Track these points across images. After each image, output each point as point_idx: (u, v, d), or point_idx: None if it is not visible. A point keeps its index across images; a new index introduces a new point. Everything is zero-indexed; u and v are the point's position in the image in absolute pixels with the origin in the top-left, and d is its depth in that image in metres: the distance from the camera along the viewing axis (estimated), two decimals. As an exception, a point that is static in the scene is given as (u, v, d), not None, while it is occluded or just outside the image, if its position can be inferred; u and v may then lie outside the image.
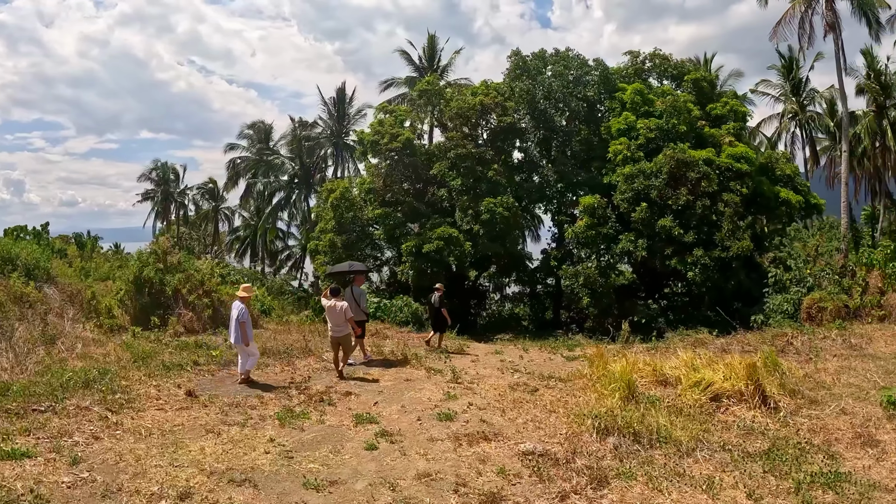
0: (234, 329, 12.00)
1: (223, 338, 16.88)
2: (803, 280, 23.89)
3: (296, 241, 57.33)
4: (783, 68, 41.95)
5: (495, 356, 17.65)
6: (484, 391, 12.25)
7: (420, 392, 12.07)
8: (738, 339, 17.25)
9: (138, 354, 13.31)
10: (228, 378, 12.47)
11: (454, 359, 16.70)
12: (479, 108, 29.08)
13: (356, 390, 12.01)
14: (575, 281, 27.45)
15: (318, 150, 46.75)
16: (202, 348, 15.06)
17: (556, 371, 14.47)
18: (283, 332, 19.78)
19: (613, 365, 11.89)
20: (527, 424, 9.75)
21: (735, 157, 28.58)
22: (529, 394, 11.93)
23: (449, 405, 10.91)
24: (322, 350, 16.28)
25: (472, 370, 14.85)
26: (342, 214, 31.34)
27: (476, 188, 29.02)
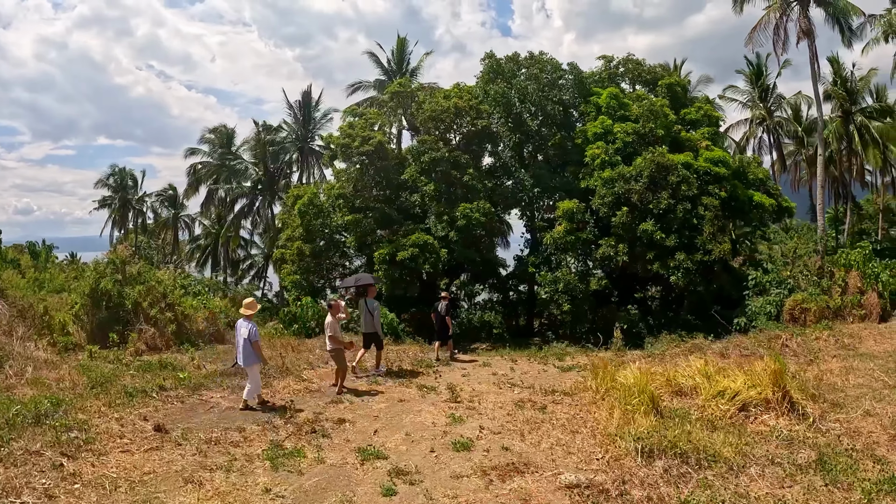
0: (242, 349, 10.94)
1: (189, 356, 15.37)
2: (783, 282, 23.75)
3: (258, 249, 55.25)
4: (751, 75, 42.14)
5: (484, 368, 16.55)
6: (489, 411, 11.27)
7: (420, 415, 10.94)
8: (735, 343, 16.52)
9: (96, 379, 11.73)
10: (200, 405, 10.98)
11: (443, 373, 15.55)
12: (454, 110, 27.90)
13: (349, 416, 10.69)
14: (554, 287, 26.44)
15: (283, 155, 44.81)
16: (168, 369, 13.51)
17: (555, 384, 13.65)
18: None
19: (623, 376, 11.16)
20: (554, 449, 8.77)
21: (713, 161, 28.22)
22: (539, 412, 10.96)
23: (458, 430, 9.83)
24: (301, 369, 14.86)
25: (466, 386, 13.72)
26: (310, 221, 29.77)
27: (450, 193, 27.81)
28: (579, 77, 31.22)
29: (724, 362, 12.96)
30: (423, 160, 27.60)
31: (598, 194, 26.96)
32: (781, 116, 41.72)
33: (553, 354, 19.29)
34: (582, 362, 17.14)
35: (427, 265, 25.72)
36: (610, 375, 11.66)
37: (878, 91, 40.06)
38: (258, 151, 43.38)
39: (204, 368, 14.17)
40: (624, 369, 12.19)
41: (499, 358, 19.17)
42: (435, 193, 28.16)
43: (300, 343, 19.66)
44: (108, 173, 56.04)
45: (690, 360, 13.47)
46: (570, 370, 15.82)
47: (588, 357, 18.42)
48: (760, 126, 41.58)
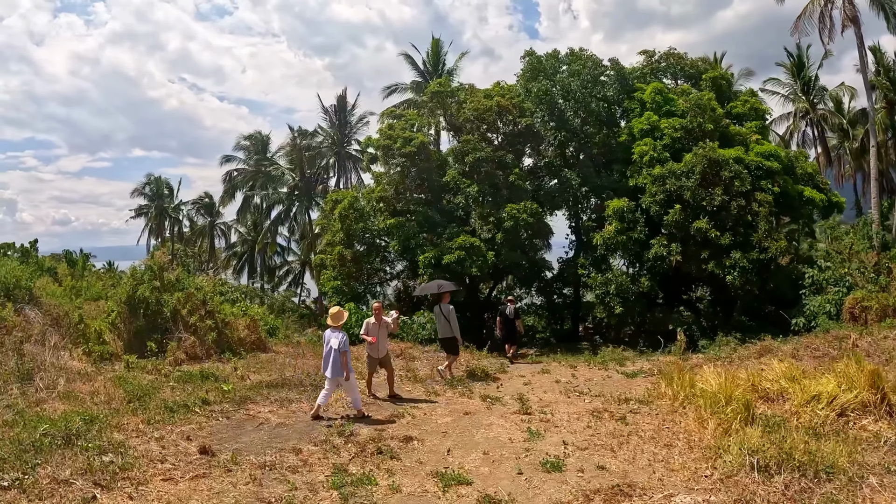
0: (332, 360, 10.27)
1: (232, 366, 14.14)
2: (842, 279, 22.21)
3: (295, 256, 54.32)
4: (792, 67, 40.07)
5: (544, 375, 15.21)
6: (565, 423, 9.99)
7: (492, 429, 9.65)
8: (804, 344, 15.27)
9: (134, 392, 10.52)
10: (248, 421, 9.70)
11: (503, 381, 14.24)
12: (496, 109, 26.51)
13: (415, 433, 9.37)
14: (605, 289, 24.85)
15: (320, 160, 43.72)
16: (210, 380, 12.31)
17: (625, 391, 12.52)
18: (296, 356, 17.05)
19: (704, 382, 10.39)
20: (653, 466, 7.62)
21: (764, 156, 26.44)
22: (620, 423, 9.80)
23: (540, 447, 8.55)
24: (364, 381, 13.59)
25: (532, 395, 12.44)
26: (350, 226, 28.57)
27: (495, 194, 26.39)
28: (621, 73, 29.64)
29: (803, 364, 12.15)
30: (467, 160, 26.24)
31: (649, 192, 25.35)
32: (825, 109, 39.49)
33: (611, 359, 17.85)
34: (646, 367, 15.84)
35: (474, 268, 24.32)
36: (688, 381, 10.82)
37: None
38: (294, 157, 42.29)
39: (248, 379, 12.96)
40: (696, 374, 11.53)
41: (556, 364, 17.72)
42: (478, 195, 26.81)
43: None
44: (145, 182, 55.55)
45: (767, 362, 12.78)
46: (636, 376, 14.62)
47: (650, 362, 17.14)
48: (804, 119, 39.46)
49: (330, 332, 10.51)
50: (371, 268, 30.29)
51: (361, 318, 23.80)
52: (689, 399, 10.23)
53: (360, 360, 14.17)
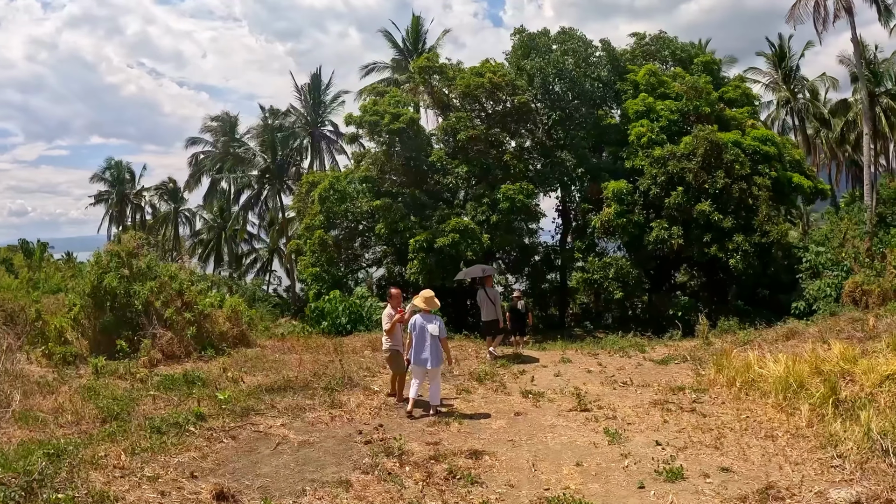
0: (431, 348, 9.12)
1: (218, 366, 11.79)
2: (839, 264, 21.89)
3: (263, 243, 51.26)
4: (773, 56, 39.31)
5: (569, 366, 13.55)
6: (635, 418, 8.81)
7: (560, 432, 8.26)
8: (828, 327, 14.30)
9: (108, 407, 8.20)
10: (260, 440, 7.54)
11: (533, 372, 12.56)
12: (489, 86, 24.39)
13: (476, 443, 7.61)
14: (604, 274, 23.18)
15: (293, 141, 40.67)
16: (197, 385, 10.01)
17: (668, 379, 11.47)
18: (285, 351, 14.88)
19: (766, 366, 9.73)
20: (773, 462, 6.77)
21: (761, 140, 25.52)
22: (695, 415, 8.81)
23: (633, 450, 7.37)
24: (365, 377, 11.46)
25: (570, 387, 10.84)
26: (331, 208, 26.16)
27: (487, 174, 24.38)
28: (612, 55, 27.86)
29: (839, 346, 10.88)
30: (459, 138, 24.09)
31: (648, 174, 23.77)
32: (806, 98, 38.76)
33: (628, 346, 16.21)
34: (672, 353, 14.48)
35: (469, 252, 22.28)
36: (744, 367, 10.13)
37: (884, 77, 37.67)
38: (265, 138, 39.10)
39: (243, 383, 10.68)
40: (739, 359, 10.83)
41: (569, 352, 15.86)
42: (467, 175, 24.72)
43: (338, 343, 16.24)
44: (105, 167, 51.47)
45: (799, 345, 12.21)
46: (667, 363, 13.38)
47: (668, 347, 15.87)
48: (783, 108, 38.65)
49: (421, 317, 9.26)
50: (351, 253, 27.99)
51: (348, 307, 21.65)
52: (749, 385, 9.60)
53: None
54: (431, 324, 9.14)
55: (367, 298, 22.43)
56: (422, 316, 9.29)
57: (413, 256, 23.27)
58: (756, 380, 9.60)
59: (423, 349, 9.11)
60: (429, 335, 9.10)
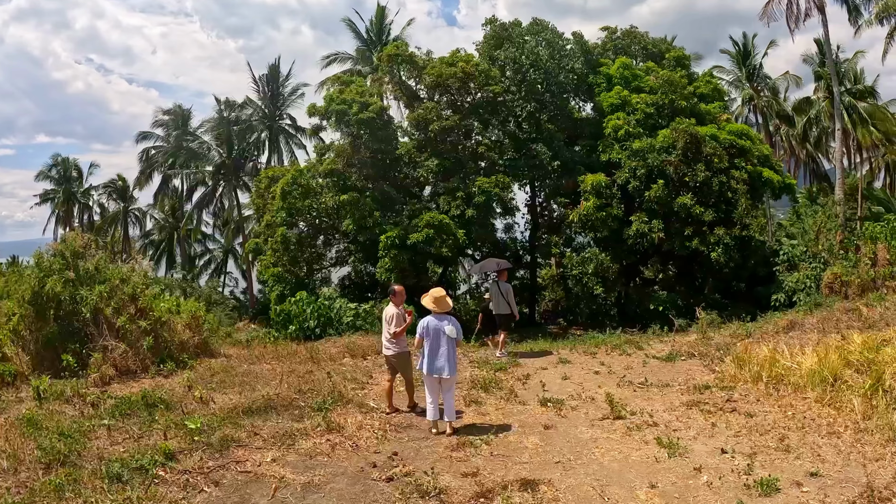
0: (448, 354, 7.88)
1: (182, 382, 9.94)
2: (816, 256, 21.80)
3: (217, 243, 48.52)
4: (737, 55, 39.19)
5: (570, 367, 12.32)
6: (682, 424, 7.91)
7: (604, 445, 7.22)
8: (826, 317, 14.01)
9: (53, 446, 6.39)
10: (251, 483, 5.91)
11: (537, 376, 11.33)
12: (462, 76, 22.91)
13: (521, 470, 6.43)
14: (583, 269, 22.06)
15: (250, 134, 38.13)
16: (160, 409, 8.22)
17: (685, 377, 10.58)
18: (257, 361, 13.18)
19: (792, 359, 9.31)
20: (855, 461, 6.27)
21: (737, 134, 25.05)
22: (740, 415, 8.06)
23: (702, 461, 6.56)
24: (354, 391, 9.86)
25: (587, 392, 9.83)
26: (294, 204, 24.28)
27: (461, 168, 22.96)
28: (584, 47, 26.78)
29: (836, 337, 10.88)
30: (432, 129, 22.53)
31: (627, 167, 22.78)
32: (769, 96, 38.71)
33: (624, 343, 14.89)
34: (673, 350, 13.35)
35: (444, 248, 20.84)
36: (768, 361, 9.51)
37: (856, 74, 38.11)
38: (221, 132, 36.52)
39: (213, 403, 8.92)
40: (755, 353, 10.24)
41: (565, 351, 14.54)
42: (438, 169, 23.19)
43: (311, 349, 14.53)
44: (51, 164, 47.53)
45: (797, 336, 12.05)
46: (674, 360, 12.40)
47: (665, 343, 14.63)
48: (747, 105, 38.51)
49: (435, 319, 7.98)
50: (315, 252, 26.14)
51: (316, 310, 19.90)
52: (777, 380, 9.02)
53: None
54: (447, 325, 7.88)
55: (336, 300, 20.76)
56: (434, 317, 8.01)
57: (384, 253, 21.65)
58: (784, 374, 9.00)
59: (437, 356, 7.83)
60: (444, 339, 7.85)
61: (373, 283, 25.52)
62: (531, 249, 26.64)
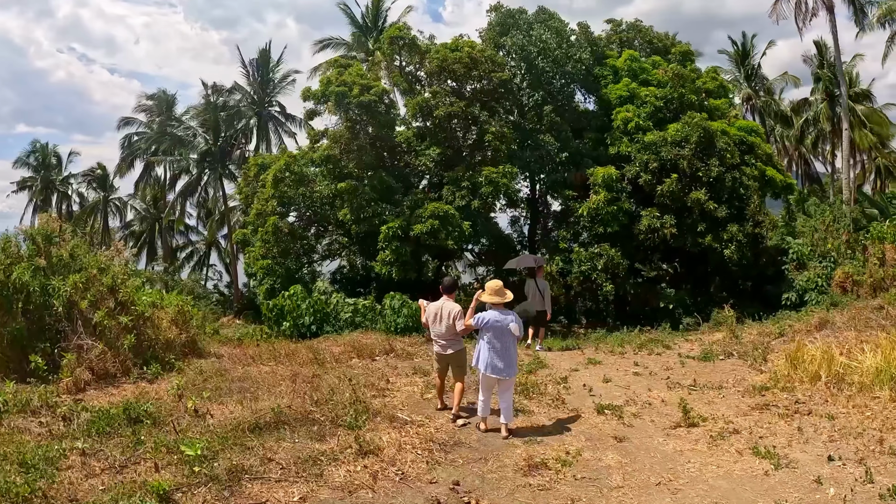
0: (510, 352, 7.11)
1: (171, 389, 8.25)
2: (826, 255, 20.96)
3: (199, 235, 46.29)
4: (736, 55, 38.36)
5: (601, 367, 11.32)
6: (766, 431, 7.11)
7: (692, 459, 6.33)
8: (851, 315, 13.28)
9: (11, 488, 4.76)
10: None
11: (576, 379, 10.24)
12: (468, 61, 21.36)
13: (620, 497, 5.34)
14: (592, 265, 20.73)
15: (238, 121, 35.85)
16: (146, 426, 6.64)
17: (731, 378, 9.89)
18: (253, 362, 11.59)
19: (855, 358, 8.73)
20: None
21: (746, 131, 24.21)
22: (819, 418, 7.41)
23: (810, 472, 5.89)
24: (375, 398, 8.32)
25: (637, 394, 8.97)
26: (286, 192, 22.54)
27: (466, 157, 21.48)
28: (590, 39, 25.39)
29: (870, 334, 10.63)
30: (437, 115, 20.96)
31: (639, 161, 21.48)
32: (768, 97, 38.00)
33: (650, 342, 13.94)
34: (703, 349, 12.64)
35: (450, 240, 19.33)
36: (824, 360, 8.95)
37: (852, 77, 37.66)
38: (208, 117, 34.32)
39: (211, 417, 7.30)
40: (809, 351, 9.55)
41: (590, 351, 13.38)
42: (440, 158, 21.63)
43: (311, 348, 12.94)
44: (29, 150, 44.73)
45: (828, 335, 11.35)
46: (710, 359, 11.58)
47: (690, 342, 14.04)
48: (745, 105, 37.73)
49: (497, 314, 7.11)
50: (307, 243, 24.35)
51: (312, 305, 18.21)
52: (839, 379, 8.47)
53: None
54: (512, 322, 7.06)
55: (332, 294, 19.09)
56: (496, 311, 7.11)
57: (384, 246, 20.03)
58: (845, 373, 8.51)
59: (501, 355, 7.01)
60: (509, 336, 7.06)
61: (367, 278, 23.90)
62: (531, 244, 25.19)
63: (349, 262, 24.60)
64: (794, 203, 39.13)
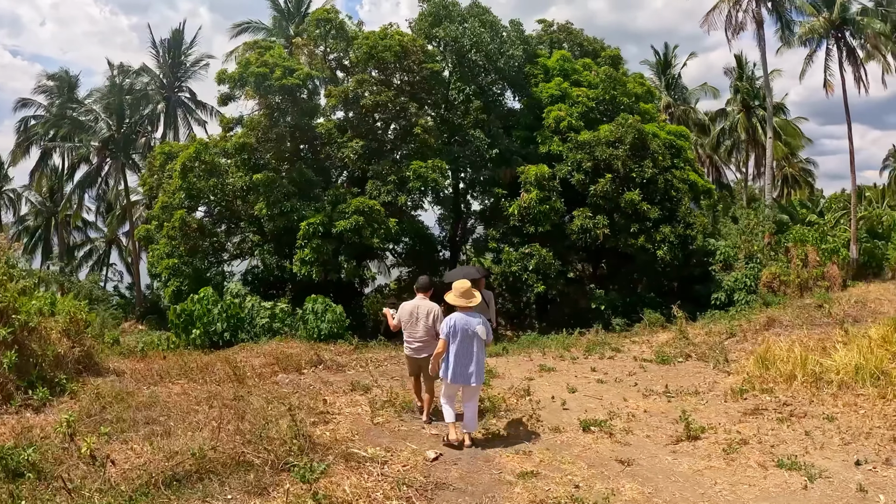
0: (477, 358, 6.51)
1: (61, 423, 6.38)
2: (753, 256, 22.01)
3: (99, 232, 42.49)
4: (658, 64, 39.18)
5: (557, 374, 10.54)
6: (772, 439, 6.66)
7: (715, 479, 5.69)
8: (798, 315, 13.96)
9: None
10: None
11: (540, 391, 9.16)
12: (399, 49, 20.18)
13: None
14: (523, 266, 20.08)
15: (144, 105, 32.86)
16: (28, 479, 4.95)
17: (700, 382, 9.55)
18: (160, 380, 9.78)
19: (831, 357, 8.69)
20: None
21: (675, 135, 24.26)
22: (818, 420, 7.16)
23: (846, 480, 5.48)
24: (321, 429, 6.98)
25: (627, 408, 8.21)
26: (196, 183, 20.54)
27: (393, 150, 20.35)
28: (522, 37, 24.80)
29: (818, 331, 11.51)
30: (364, 103, 19.67)
31: (571, 160, 21.04)
32: (686, 106, 39.13)
33: (598, 345, 13.37)
34: (649, 352, 12.47)
35: (375, 238, 18.06)
36: (798, 359, 8.80)
37: (761, 92, 39.76)
38: (112, 100, 31.20)
39: (112, 465, 5.69)
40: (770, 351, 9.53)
41: (538, 355, 12.56)
42: (364, 151, 20.28)
43: (227, 360, 11.08)
44: None
45: (778, 334, 11.91)
46: (669, 362, 11.28)
47: (638, 344, 13.65)
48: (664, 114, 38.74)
49: (464, 317, 6.57)
50: (216, 241, 22.37)
51: (224, 310, 16.42)
52: (816, 378, 8.32)
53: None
54: (479, 325, 6.53)
55: (246, 297, 17.32)
56: (464, 315, 6.55)
57: (303, 244, 18.47)
58: (822, 372, 8.37)
59: (467, 361, 6.49)
60: (476, 341, 6.52)
61: (282, 279, 22.20)
62: (452, 244, 24.34)
63: (263, 262, 22.70)
64: (706, 208, 40.80)
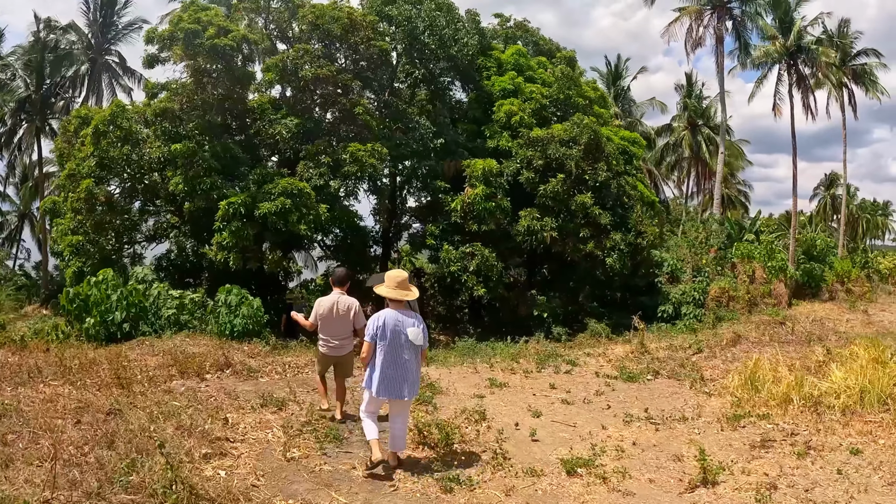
0: (412, 367, 5.52)
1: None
2: (701, 270, 21.69)
3: (12, 204, 39.09)
4: (608, 75, 39.03)
5: (510, 392, 9.16)
6: (800, 480, 5.67)
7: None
8: (763, 332, 14.01)
9: None
10: None
11: (497, 417, 7.75)
12: (347, 22, 18.54)
13: None
14: (463, 266, 18.60)
15: (68, 66, 29.72)
16: None
17: (680, 405, 8.59)
18: (31, 378, 7.74)
19: (828, 378, 8.10)
20: None
21: (629, 141, 23.60)
22: (840, 452, 6.23)
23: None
24: (210, 464, 5.22)
25: (609, 439, 7.14)
26: (108, 151, 18.25)
27: (331, 131, 18.64)
28: (479, 28, 23.65)
29: (798, 350, 11.38)
30: (303, 75, 17.88)
31: (521, 157, 19.80)
32: (633, 118, 39.00)
33: (548, 357, 11.81)
34: (609, 366, 11.28)
35: (303, 224, 16.18)
36: (794, 380, 8.14)
37: (712, 111, 40.16)
38: (34, 56, 28.33)
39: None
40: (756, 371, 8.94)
41: (485, 368, 10.83)
42: (298, 130, 18.44)
43: (115, 357, 9.00)
44: None
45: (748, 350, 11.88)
46: (636, 379, 10.18)
47: (592, 357, 12.27)
48: (617, 120, 38.72)
49: (395, 315, 5.45)
50: (128, 219, 19.98)
51: (125, 297, 14.09)
52: (814, 402, 7.71)
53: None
54: (412, 327, 5.51)
55: (152, 284, 15.01)
56: (397, 313, 5.54)
57: (222, 225, 16.46)
58: (819, 395, 7.80)
59: (399, 371, 5.40)
60: (409, 348, 5.46)
61: (199, 266, 19.99)
62: (384, 239, 22.70)
63: (178, 246, 20.45)
64: (653, 218, 41.18)
